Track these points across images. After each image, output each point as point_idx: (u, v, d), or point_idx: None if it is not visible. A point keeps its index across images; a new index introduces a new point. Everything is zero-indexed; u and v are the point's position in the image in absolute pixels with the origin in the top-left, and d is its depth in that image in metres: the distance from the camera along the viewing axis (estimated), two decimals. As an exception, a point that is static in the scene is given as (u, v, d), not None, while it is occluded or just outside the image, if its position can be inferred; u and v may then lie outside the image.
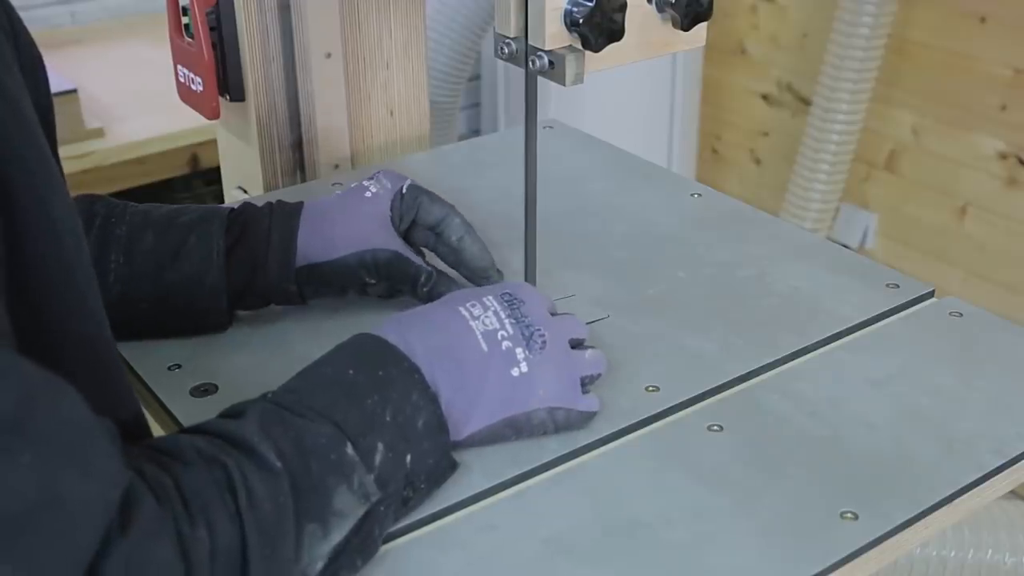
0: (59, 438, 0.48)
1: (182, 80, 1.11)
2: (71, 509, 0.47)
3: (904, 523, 0.66)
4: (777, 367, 0.81)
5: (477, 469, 0.70)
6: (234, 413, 0.61)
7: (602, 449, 0.73)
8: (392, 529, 0.64)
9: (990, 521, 1.44)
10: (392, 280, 0.83)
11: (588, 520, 0.66)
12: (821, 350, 0.83)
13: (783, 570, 0.63)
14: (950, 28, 2.28)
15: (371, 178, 0.86)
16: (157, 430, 0.77)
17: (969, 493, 0.70)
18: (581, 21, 0.70)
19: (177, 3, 1.07)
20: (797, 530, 0.65)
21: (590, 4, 0.70)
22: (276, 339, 0.84)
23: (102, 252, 0.80)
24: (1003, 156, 2.26)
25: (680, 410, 0.76)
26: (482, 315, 0.70)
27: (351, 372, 0.64)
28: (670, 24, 0.76)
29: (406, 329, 0.68)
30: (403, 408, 0.63)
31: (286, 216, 0.83)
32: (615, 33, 0.72)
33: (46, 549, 0.46)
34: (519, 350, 0.69)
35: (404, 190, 0.85)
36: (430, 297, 0.82)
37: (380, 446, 0.61)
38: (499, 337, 0.69)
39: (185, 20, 1.07)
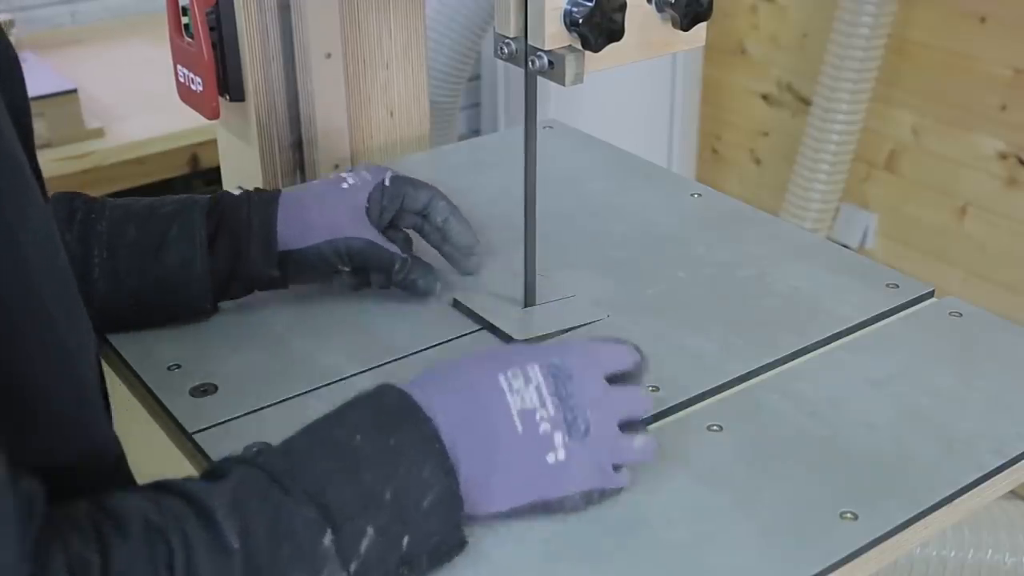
0: None
1: (182, 80, 1.11)
2: None
3: (904, 523, 0.66)
4: (777, 367, 0.81)
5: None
6: (217, 473, 0.57)
7: (602, 449, 0.72)
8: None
9: (990, 521, 1.44)
10: (366, 267, 0.85)
11: (588, 520, 0.66)
12: (821, 350, 0.83)
13: (783, 570, 0.63)
14: (950, 28, 2.28)
15: (351, 170, 0.88)
16: (157, 430, 0.77)
17: (969, 493, 0.70)
18: (581, 21, 0.70)
19: (177, 3, 1.07)
20: (797, 530, 0.65)
21: (590, 4, 0.70)
22: (276, 339, 0.84)
23: (85, 248, 0.80)
24: (1003, 156, 2.26)
25: (680, 410, 0.76)
26: (522, 389, 0.63)
27: (358, 438, 0.59)
28: (670, 24, 0.76)
29: (436, 389, 0.63)
30: (407, 488, 0.59)
31: (264, 203, 0.84)
32: (615, 33, 0.72)
33: None
34: (558, 435, 0.63)
35: (387, 182, 0.86)
36: (405, 285, 0.85)
37: (370, 530, 0.57)
38: (537, 419, 0.63)
39: (185, 20, 1.07)
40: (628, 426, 0.67)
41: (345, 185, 0.86)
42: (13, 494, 0.47)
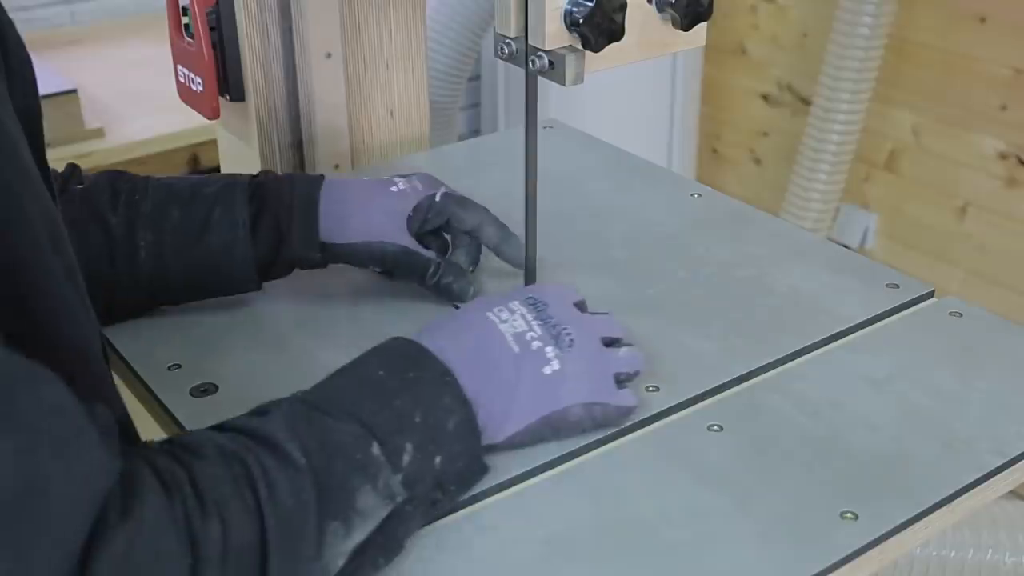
0: (41, 425, 0.47)
1: (182, 80, 1.11)
2: (54, 498, 0.47)
3: (904, 523, 0.66)
4: (777, 367, 0.81)
5: (477, 469, 0.70)
6: (261, 411, 0.61)
7: (602, 449, 0.73)
8: (392, 529, 0.65)
9: (990, 521, 1.44)
10: (399, 271, 0.87)
11: (588, 520, 0.66)
12: (821, 350, 0.83)
13: (783, 570, 0.63)
14: (950, 28, 2.28)
15: (406, 176, 0.89)
16: (157, 430, 0.77)
17: (969, 493, 0.70)
18: (581, 21, 0.70)
19: (177, 3, 1.07)
20: (797, 530, 0.65)
21: (590, 4, 0.70)
22: (276, 339, 0.84)
23: (129, 230, 0.82)
24: (1003, 156, 2.26)
25: (680, 410, 0.76)
26: (509, 318, 0.70)
27: (381, 373, 0.64)
28: (670, 24, 0.76)
29: (437, 335, 0.69)
30: (434, 410, 0.63)
31: (308, 190, 0.85)
32: (615, 33, 0.72)
33: (31, 537, 0.46)
34: (549, 348, 0.70)
35: (437, 197, 0.87)
36: (438, 287, 0.86)
37: (409, 447, 0.61)
38: (528, 338, 0.70)
39: (185, 20, 1.07)
40: (612, 343, 0.74)
41: (394, 189, 0.87)
42: (91, 411, 0.51)
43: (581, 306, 0.75)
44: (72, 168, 0.86)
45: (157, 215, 0.82)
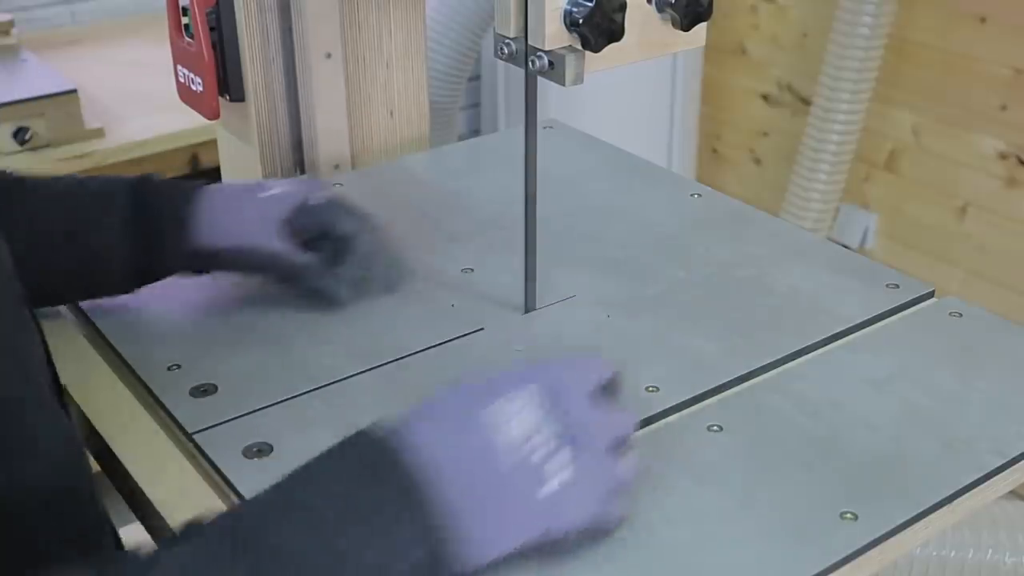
0: None
1: (182, 80, 1.11)
2: None
3: (904, 523, 0.66)
4: (777, 367, 0.81)
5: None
6: (183, 537, 0.53)
7: (602, 449, 0.72)
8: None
9: (990, 521, 1.44)
10: (272, 277, 0.86)
11: (588, 520, 0.66)
12: (821, 350, 0.83)
13: (783, 570, 0.63)
14: (950, 28, 2.28)
15: (280, 181, 0.87)
16: (157, 430, 0.77)
17: (969, 493, 0.69)
18: (581, 21, 0.70)
19: (177, 3, 1.07)
20: (797, 530, 0.65)
21: (590, 4, 0.70)
22: (276, 339, 0.84)
23: (6, 230, 0.78)
24: (1003, 156, 2.26)
25: (680, 410, 0.76)
26: (515, 415, 0.59)
27: (334, 489, 0.54)
28: (670, 24, 0.76)
29: (420, 428, 0.57)
30: (388, 549, 0.53)
31: (183, 192, 0.84)
32: (615, 33, 0.72)
33: None
34: (552, 464, 0.58)
35: (315, 202, 0.85)
36: (311, 295, 0.85)
37: None
38: (530, 447, 0.58)
39: (185, 20, 1.07)
40: (615, 447, 0.62)
41: (268, 194, 0.85)
42: None
43: (606, 386, 0.64)
44: None
45: (34, 212, 0.81)
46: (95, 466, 0.74)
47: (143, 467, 0.73)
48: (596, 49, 0.72)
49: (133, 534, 1.14)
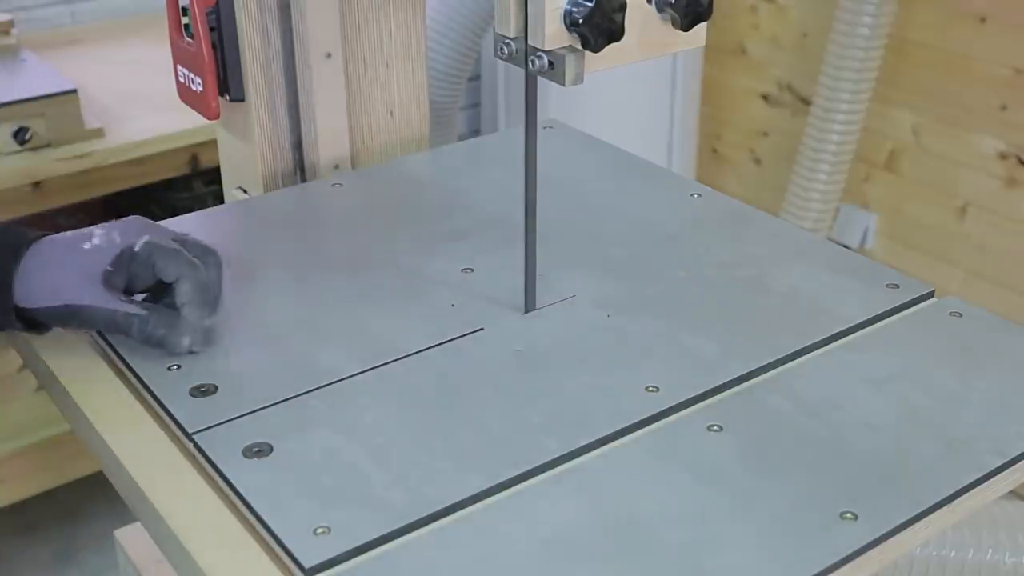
0: None
1: (182, 80, 1.11)
2: None
3: (904, 523, 0.66)
4: (777, 367, 0.81)
5: (477, 469, 0.70)
6: None
7: (602, 449, 0.73)
8: (391, 529, 0.65)
9: (990, 521, 1.44)
10: (99, 330, 0.82)
11: (588, 520, 0.66)
12: (821, 350, 0.83)
13: (783, 570, 0.63)
14: (950, 28, 2.28)
15: (104, 228, 0.83)
16: (156, 430, 0.77)
17: (969, 493, 0.70)
18: (581, 21, 0.70)
19: (177, 3, 1.07)
20: (797, 530, 0.65)
21: (590, 4, 0.70)
22: (276, 339, 0.84)
23: None
24: (1003, 156, 2.26)
25: (680, 410, 0.76)
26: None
27: None
28: (670, 24, 0.76)
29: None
30: None
31: (8, 249, 0.81)
32: (615, 33, 0.72)
33: None
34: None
35: (137, 248, 0.82)
36: (150, 343, 0.81)
37: None
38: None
39: (185, 20, 1.07)
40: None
41: (87, 245, 0.82)
42: None
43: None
44: None
45: None
46: (95, 466, 0.73)
47: (143, 467, 0.73)
48: (596, 49, 0.72)
49: (133, 534, 1.15)
